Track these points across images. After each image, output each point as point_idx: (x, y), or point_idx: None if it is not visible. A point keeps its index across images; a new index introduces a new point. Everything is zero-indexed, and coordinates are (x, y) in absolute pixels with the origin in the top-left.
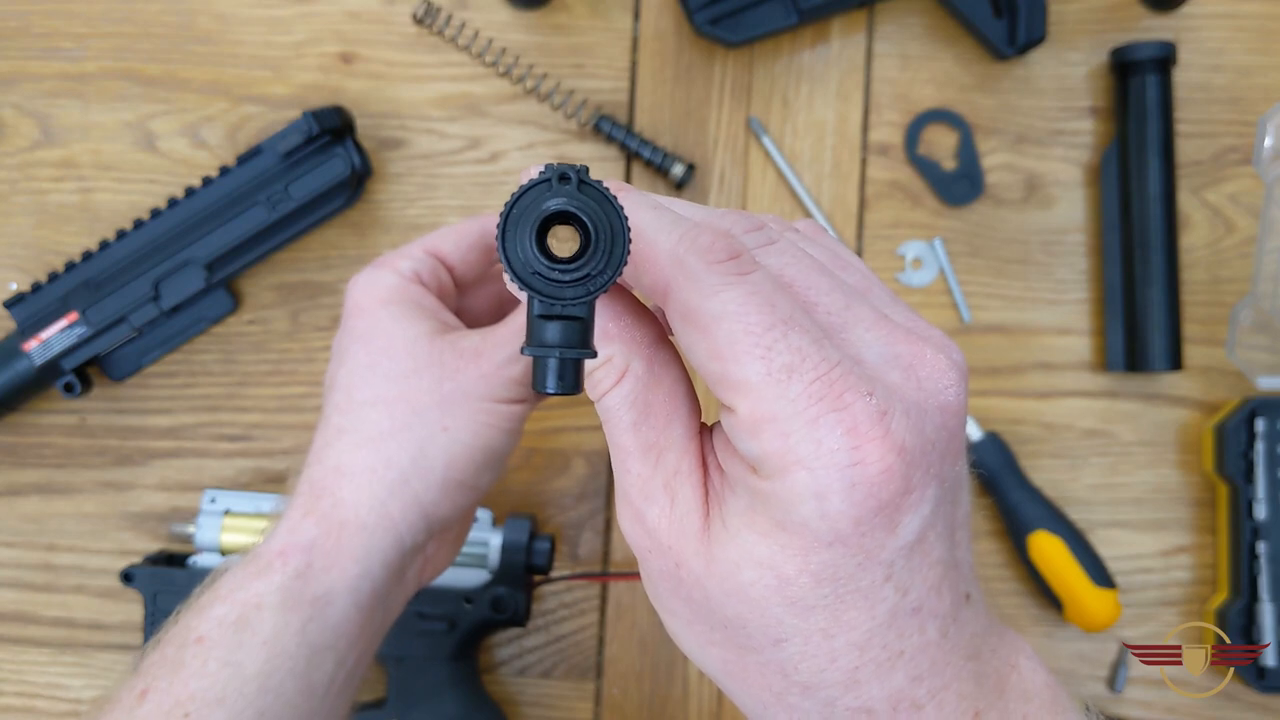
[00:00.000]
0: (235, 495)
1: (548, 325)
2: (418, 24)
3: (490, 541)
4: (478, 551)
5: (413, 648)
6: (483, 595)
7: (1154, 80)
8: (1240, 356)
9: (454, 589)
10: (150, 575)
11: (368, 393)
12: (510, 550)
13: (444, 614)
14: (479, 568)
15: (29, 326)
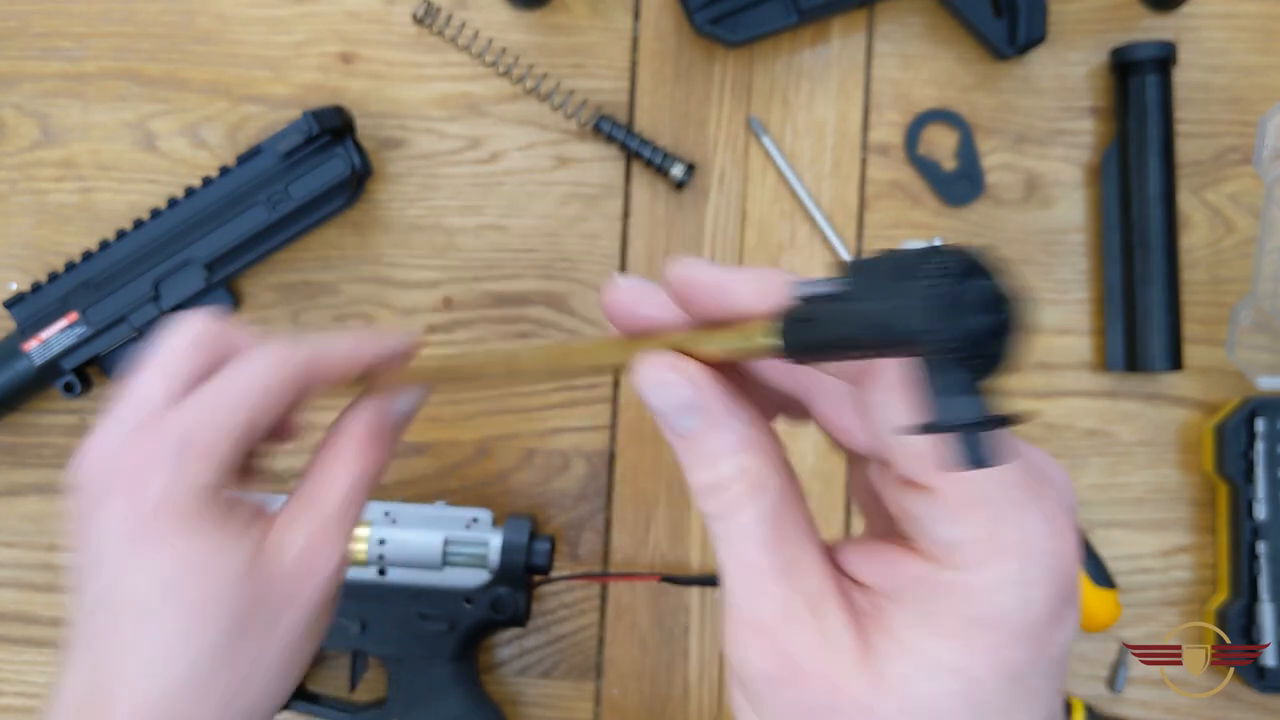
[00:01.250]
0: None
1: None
2: (418, 24)
3: (490, 542)
4: (477, 552)
5: (412, 648)
6: (482, 596)
7: (1154, 80)
8: (1240, 356)
9: (454, 589)
10: None
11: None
12: (510, 551)
13: (444, 614)
14: (479, 568)
15: (29, 326)
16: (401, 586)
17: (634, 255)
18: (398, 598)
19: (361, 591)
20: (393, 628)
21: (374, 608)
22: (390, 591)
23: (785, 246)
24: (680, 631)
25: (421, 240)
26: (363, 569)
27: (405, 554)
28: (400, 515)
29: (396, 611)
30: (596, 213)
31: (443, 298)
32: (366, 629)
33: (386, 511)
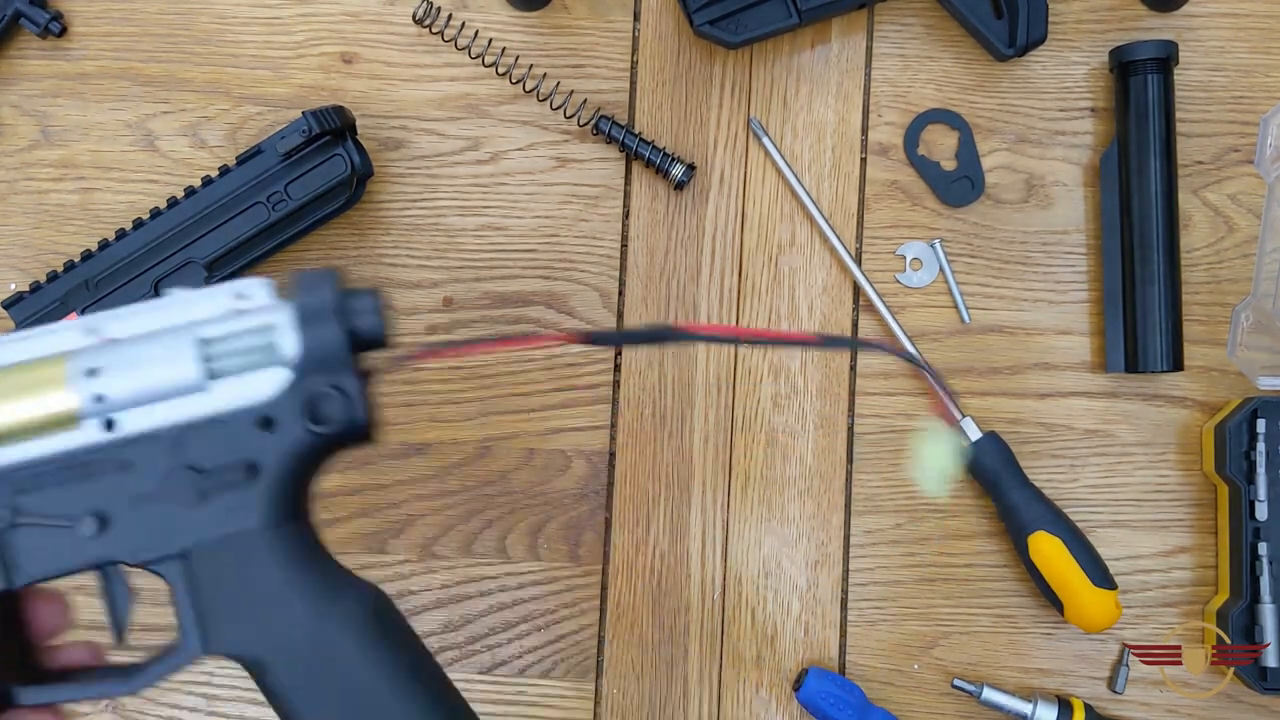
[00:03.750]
0: None
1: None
2: (418, 24)
3: (276, 321)
4: (257, 341)
5: (197, 529)
6: (287, 406)
7: (1155, 80)
8: (1241, 357)
9: (237, 413)
10: None
11: None
12: (314, 320)
13: (232, 458)
14: (269, 366)
15: (29, 327)
16: (149, 436)
17: (634, 255)
18: (148, 457)
19: (84, 466)
20: (153, 508)
21: (109, 485)
22: (133, 452)
23: (785, 246)
24: (680, 631)
25: (422, 240)
26: (72, 431)
27: (139, 383)
28: (113, 327)
29: (151, 479)
30: (596, 213)
31: (443, 298)
32: (108, 525)
33: (89, 328)
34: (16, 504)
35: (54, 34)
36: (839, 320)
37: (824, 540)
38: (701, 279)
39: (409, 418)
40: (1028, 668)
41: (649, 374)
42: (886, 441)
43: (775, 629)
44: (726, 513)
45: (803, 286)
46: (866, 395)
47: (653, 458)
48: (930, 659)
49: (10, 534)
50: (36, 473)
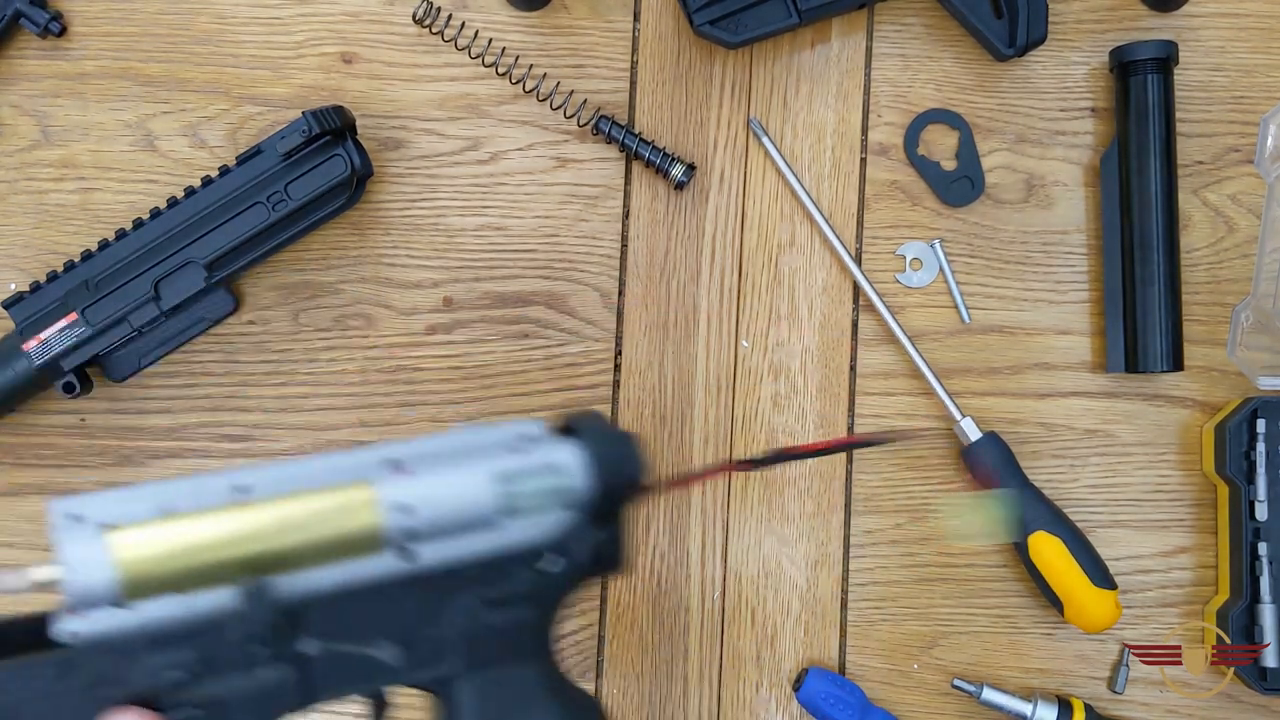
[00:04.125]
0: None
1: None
2: (418, 24)
3: (565, 463)
4: (552, 484)
5: (484, 654)
6: (573, 543)
7: (1155, 80)
8: (1241, 357)
9: (524, 548)
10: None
11: None
12: (607, 466)
13: (522, 591)
14: (557, 508)
15: (28, 326)
16: (443, 569)
17: (634, 255)
18: (443, 588)
19: (385, 594)
20: (439, 635)
21: (408, 613)
22: (430, 582)
23: (785, 247)
24: (680, 631)
25: (422, 240)
26: (374, 558)
27: (443, 517)
28: (412, 459)
29: (441, 608)
30: (596, 213)
31: (443, 298)
32: (405, 649)
33: (388, 458)
34: (323, 631)
35: (54, 34)
36: (839, 320)
37: (824, 540)
38: (701, 279)
39: (409, 418)
40: (1028, 668)
41: (649, 374)
42: None
43: (775, 629)
44: (726, 513)
45: (803, 286)
46: (866, 395)
47: (653, 457)
48: (930, 659)
49: (315, 661)
50: (344, 600)
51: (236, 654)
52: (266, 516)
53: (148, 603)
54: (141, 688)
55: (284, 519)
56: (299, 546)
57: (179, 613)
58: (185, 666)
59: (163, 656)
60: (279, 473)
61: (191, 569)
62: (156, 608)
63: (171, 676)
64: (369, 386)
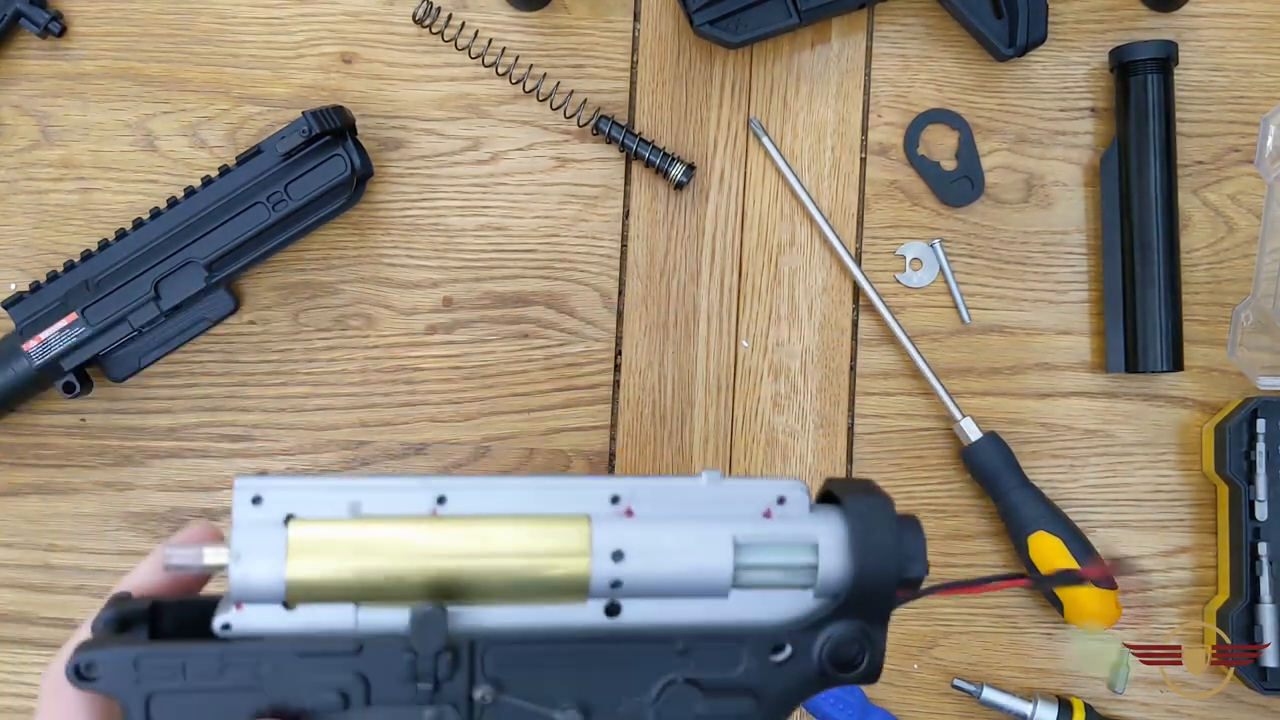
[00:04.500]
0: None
1: None
2: (418, 24)
3: (821, 539)
4: (798, 560)
5: None
6: (808, 638)
7: (1154, 80)
8: (1241, 357)
9: (751, 629)
10: (136, 661)
11: None
12: (870, 555)
13: (736, 681)
14: (798, 588)
15: (28, 326)
16: (651, 634)
17: (634, 255)
18: (647, 657)
19: (578, 649)
20: (639, 713)
21: (601, 678)
22: (632, 645)
23: (785, 247)
24: None
25: (421, 240)
26: (578, 606)
27: (662, 575)
28: (639, 499)
29: (646, 681)
30: (596, 213)
31: (443, 298)
32: (590, 718)
33: (614, 496)
34: (500, 679)
35: (54, 34)
36: (839, 320)
37: None
38: (701, 279)
39: (409, 418)
40: (1028, 668)
41: (649, 374)
42: (886, 441)
43: None
44: None
45: (803, 286)
46: (866, 395)
47: (653, 458)
48: (930, 659)
49: (487, 711)
50: (530, 648)
51: (397, 686)
52: (464, 535)
53: (314, 609)
54: (288, 702)
55: (483, 541)
56: (492, 576)
57: (344, 626)
58: (339, 689)
59: (317, 674)
60: (486, 489)
61: (369, 580)
62: (322, 616)
63: (323, 698)
64: (369, 386)
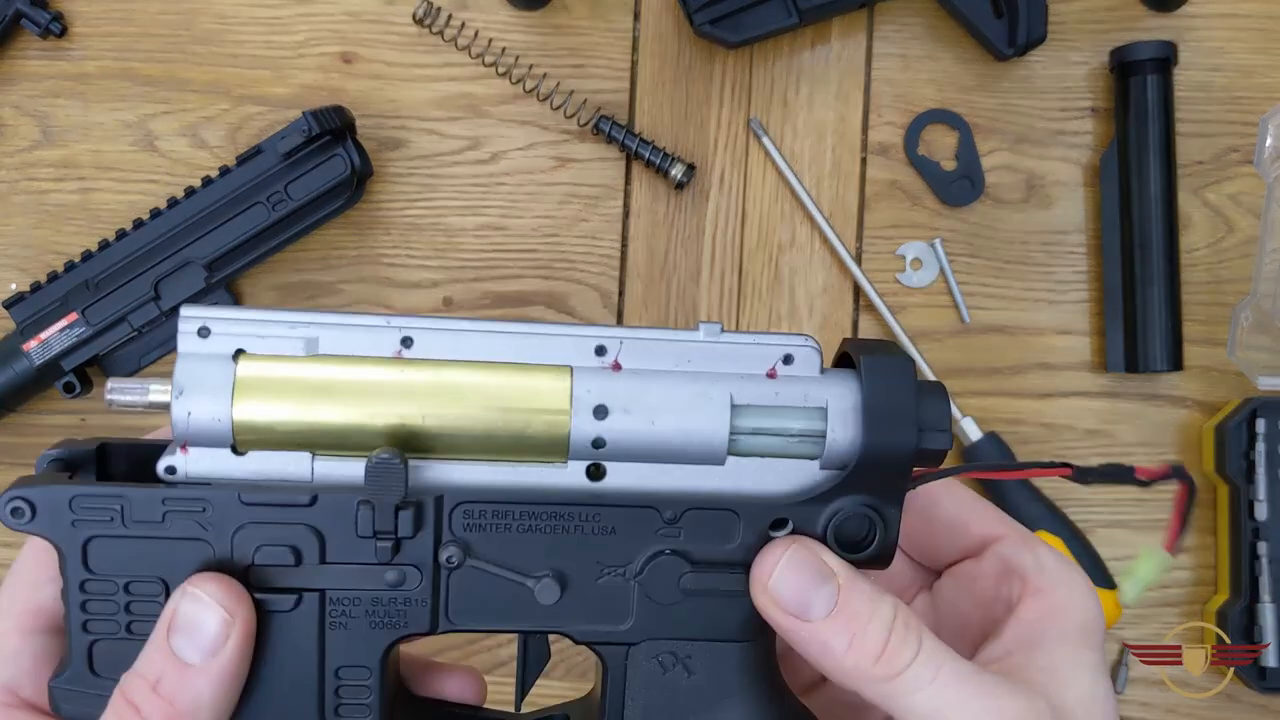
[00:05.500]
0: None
1: None
2: (418, 24)
3: (829, 401)
4: (803, 426)
5: (662, 623)
6: (813, 512)
7: (1154, 80)
8: (1241, 357)
9: (749, 499)
10: (71, 501)
11: None
12: (882, 424)
13: (730, 556)
14: (803, 458)
15: (29, 327)
16: (637, 500)
17: (634, 255)
18: (631, 525)
19: (556, 513)
20: (621, 587)
21: (580, 547)
22: (615, 511)
23: (785, 247)
24: None
25: (421, 240)
26: (556, 466)
27: (650, 435)
28: (628, 352)
29: (630, 552)
30: (596, 213)
31: (443, 298)
32: (565, 592)
33: (600, 347)
34: (469, 542)
35: (54, 34)
36: (839, 320)
37: None
38: (701, 279)
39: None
40: None
41: None
42: None
43: None
44: None
45: (803, 286)
46: None
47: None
48: None
49: (454, 575)
50: (501, 509)
51: (355, 543)
52: (432, 381)
53: (265, 455)
54: (235, 555)
55: (453, 390)
56: (461, 428)
57: (297, 476)
58: (290, 544)
59: (267, 526)
60: (457, 332)
61: (326, 425)
62: (275, 464)
63: (273, 552)
64: None
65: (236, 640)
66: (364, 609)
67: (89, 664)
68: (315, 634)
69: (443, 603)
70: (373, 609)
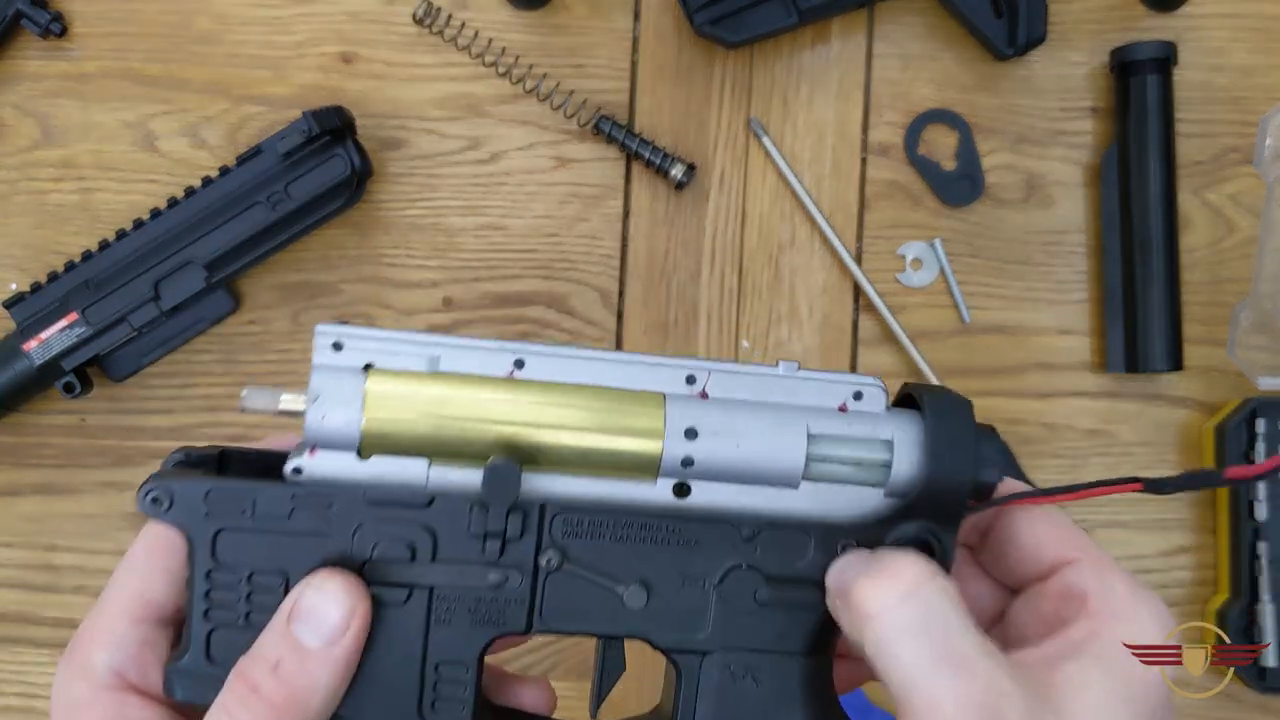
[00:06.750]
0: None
1: None
2: (418, 24)
3: (895, 437)
4: (871, 456)
5: (736, 633)
6: (876, 533)
7: (1154, 80)
8: (1241, 357)
9: (819, 523)
10: (206, 495)
11: None
12: (943, 456)
13: (804, 574)
14: (870, 485)
15: (29, 327)
16: (719, 516)
17: (634, 256)
18: (712, 540)
19: (645, 526)
20: (702, 597)
21: (665, 558)
22: (698, 526)
23: (785, 247)
24: None
25: (421, 240)
26: (646, 484)
27: (734, 458)
28: (715, 382)
29: (711, 565)
30: (596, 213)
31: (443, 298)
32: (650, 599)
33: (690, 376)
34: (566, 548)
35: (55, 34)
36: (839, 320)
37: None
38: (701, 279)
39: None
40: None
41: None
42: None
43: None
44: None
45: (803, 286)
46: None
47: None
48: None
49: (550, 579)
50: (597, 520)
51: (465, 543)
52: (540, 400)
53: (387, 461)
54: (354, 551)
55: (559, 409)
56: (564, 445)
57: (415, 480)
58: (407, 541)
59: (386, 524)
60: (564, 358)
61: (444, 435)
62: (394, 468)
63: (389, 549)
64: None
65: (355, 630)
66: (467, 606)
67: (206, 650)
68: (422, 628)
69: (539, 604)
70: (475, 607)
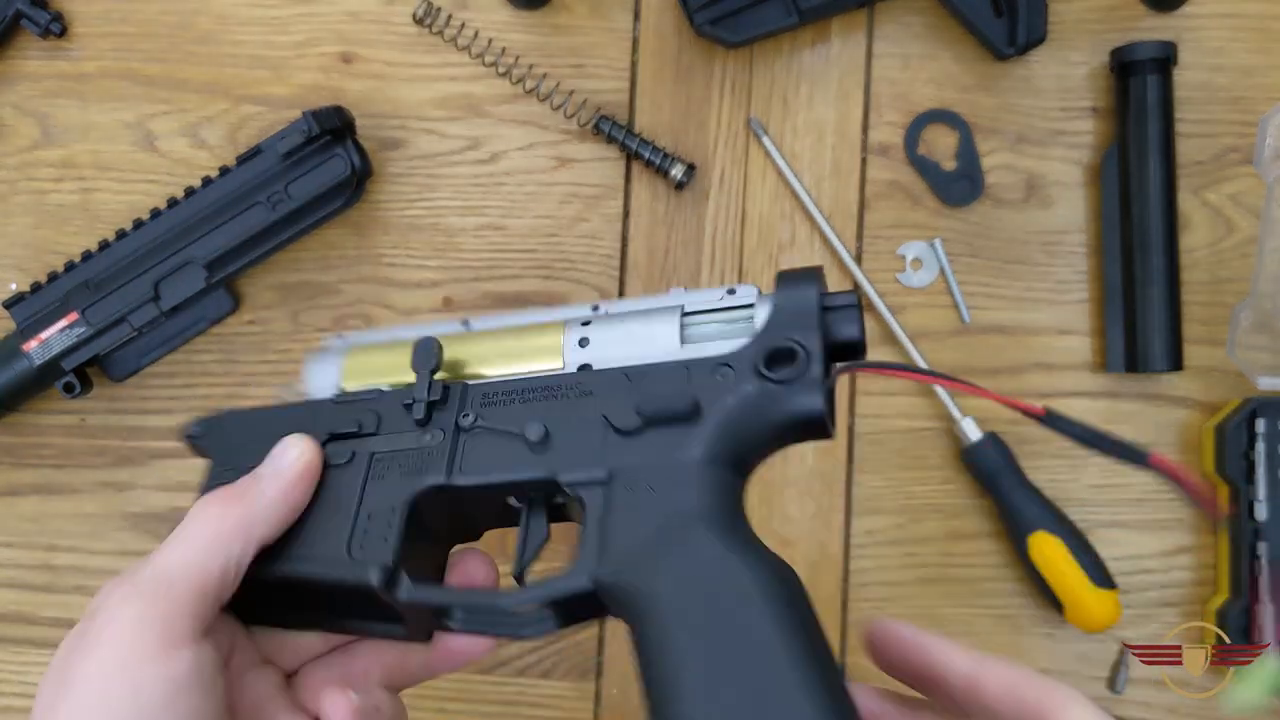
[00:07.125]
0: (359, 335)
1: None
2: (418, 24)
3: (756, 313)
4: (736, 317)
5: (629, 454)
6: (746, 356)
7: (1154, 80)
8: (1241, 357)
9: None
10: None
11: None
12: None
13: (681, 396)
14: (738, 336)
15: (29, 327)
16: (611, 373)
17: (634, 256)
18: (607, 386)
19: (545, 388)
20: (596, 431)
21: (563, 406)
22: (592, 379)
23: (785, 247)
24: None
25: (421, 240)
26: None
27: (624, 333)
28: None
29: (603, 405)
30: (596, 213)
31: (443, 298)
32: (550, 439)
33: (585, 319)
34: (482, 413)
35: (54, 34)
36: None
37: (824, 540)
38: (701, 279)
39: None
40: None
41: None
42: (887, 441)
43: None
44: None
45: None
46: (866, 395)
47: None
48: None
49: (467, 436)
50: (509, 391)
51: (401, 419)
52: (480, 336)
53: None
54: (318, 429)
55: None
56: (491, 353)
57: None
58: (355, 420)
59: (343, 412)
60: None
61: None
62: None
63: (341, 425)
64: None
65: (300, 466)
66: (399, 464)
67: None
68: (360, 484)
69: (458, 459)
70: (405, 463)
